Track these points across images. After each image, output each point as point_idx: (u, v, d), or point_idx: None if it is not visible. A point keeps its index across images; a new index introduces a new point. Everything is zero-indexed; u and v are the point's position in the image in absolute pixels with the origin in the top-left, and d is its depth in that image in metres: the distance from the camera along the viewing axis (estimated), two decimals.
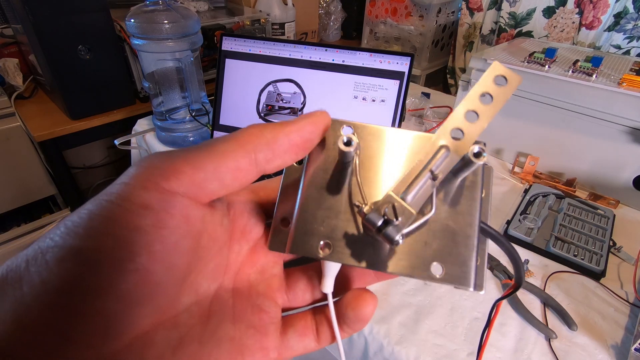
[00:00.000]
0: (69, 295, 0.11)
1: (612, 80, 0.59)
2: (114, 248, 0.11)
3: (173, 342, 0.13)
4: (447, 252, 0.15)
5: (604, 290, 0.48)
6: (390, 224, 0.14)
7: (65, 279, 0.11)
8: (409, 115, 0.86)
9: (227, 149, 0.14)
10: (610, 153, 0.61)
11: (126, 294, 0.12)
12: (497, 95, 0.15)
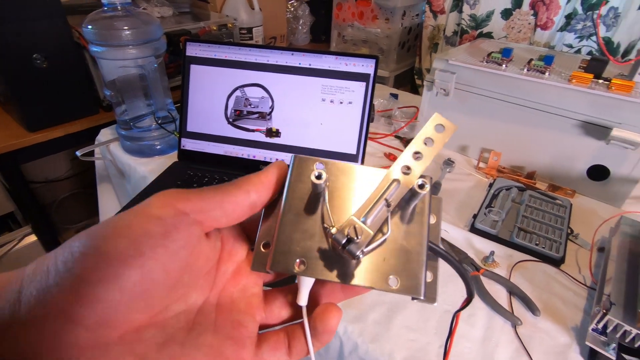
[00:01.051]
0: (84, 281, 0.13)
1: (563, 77, 0.63)
2: (126, 247, 0.14)
3: (159, 341, 0.15)
4: (402, 267, 0.18)
5: (563, 276, 0.50)
6: (352, 242, 0.17)
7: (85, 268, 0.14)
8: (378, 115, 0.88)
9: (229, 189, 0.17)
10: (565, 146, 0.65)
11: (128, 287, 0.14)
12: (437, 139, 0.19)
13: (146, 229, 0.15)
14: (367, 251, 0.18)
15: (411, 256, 0.18)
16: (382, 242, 0.18)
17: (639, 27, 1.05)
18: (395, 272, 0.18)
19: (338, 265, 0.18)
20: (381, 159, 0.76)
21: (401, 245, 0.18)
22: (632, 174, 0.60)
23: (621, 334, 0.37)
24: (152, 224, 0.15)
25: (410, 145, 0.19)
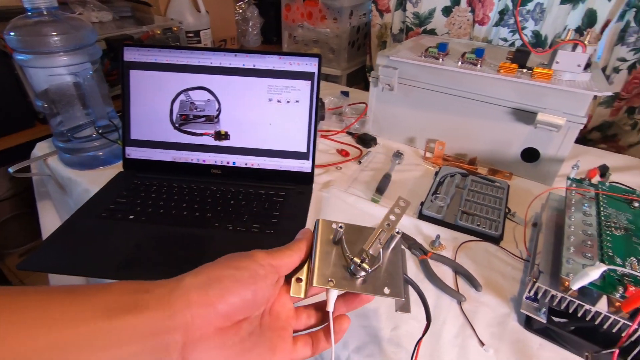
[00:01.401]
0: (219, 290, 0.24)
1: (492, 68, 0.67)
2: (247, 277, 0.26)
3: (247, 332, 0.26)
4: (390, 283, 0.30)
5: (503, 252, 0.54)
6: (364, 262, 0.29)
7: (220, 283, 0.24)
8: (329, 113, 0.89)
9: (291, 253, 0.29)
10: (500, 132, 0.70)
11: (237, 301, 0.25)
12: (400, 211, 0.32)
13: (255, 271, 0.26)
14: (371, 271, 0.29)
15: (394, 276, 0.30)
16: (378, 266, 0.30)
17: (561, 20, 1.15)
18: (386, 285, 0.30)
19: (352, 282, 0.29)
20: (334, 155, 0.78)
21: (387, 268, 0.31)
22: (558, 154, 0.66)
23: (549, 299, 0.40)
24: (259, 269, 0.26)
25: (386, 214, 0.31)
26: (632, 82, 1.14)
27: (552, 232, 0.49)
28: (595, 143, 1.31)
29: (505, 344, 0.42)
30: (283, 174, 0.66)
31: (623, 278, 0.38)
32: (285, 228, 0.56)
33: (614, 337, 0.37)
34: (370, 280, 0.30)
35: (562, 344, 0.42)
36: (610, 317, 0.37)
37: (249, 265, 0.26)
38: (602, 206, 0.49)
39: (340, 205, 0.63)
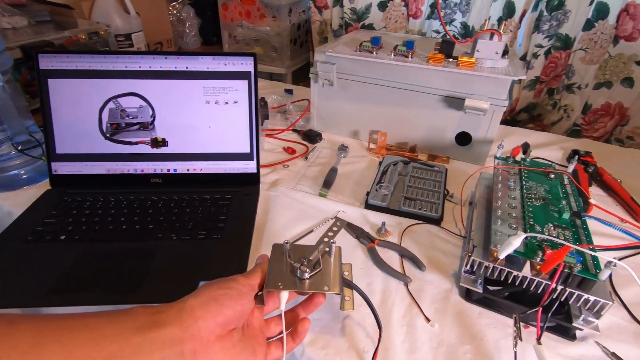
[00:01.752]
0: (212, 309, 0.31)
1: (422, 59, 0.71)
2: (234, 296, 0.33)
3: (236, 339, 0.32)
4: (329, 281, 0.37)
5: (444, 232, 0.57)
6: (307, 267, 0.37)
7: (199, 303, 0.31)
8: (274, 112, 0.89)
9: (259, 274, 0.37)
10: (435, 119, 0.74)
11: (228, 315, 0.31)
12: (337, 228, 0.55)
13: (240, 290, 0.33)
14: (312, 274, 0.37)
15: (333, 277, 0.38)
16: (318, 270, 0.38)
17: (485, 12, 1.24)
18: (326, 284, 0.37)
19: (298, 284, 0.37)
20: (280, 154, 0.78)
21: (327, 272, 0.38)
22: (487, 135, 0.71)
23: (483, 270, 0.44)
24: (242, 288, 0.34)
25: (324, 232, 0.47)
26: (549, 66, 1.26)
27: (484, 208, 0.53)
28: (524, 124, 1.43)
29: (449, 317, 0.44)
30: (228, 176, 0.65)
31: (542, 243, 0.42)
32: (233, 232, 0.55)
33: (540, 297, 0.41)
34: (314, 282, 0.37)
35: (498, 310, 0.45)
36: (534, 280, 0.41)
37: (235, 286, 0.33)
38: (524, 180, 0.53)
39: (288, 203, 0.63)
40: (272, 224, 0.58)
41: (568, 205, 0.48)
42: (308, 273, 0.37)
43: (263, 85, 1.10)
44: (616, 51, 1.19)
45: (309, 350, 0.41)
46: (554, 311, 0.42)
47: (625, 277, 0.50)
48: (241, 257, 0.51)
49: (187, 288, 0.44)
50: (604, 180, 0.70)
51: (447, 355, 0.40)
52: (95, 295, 0.44)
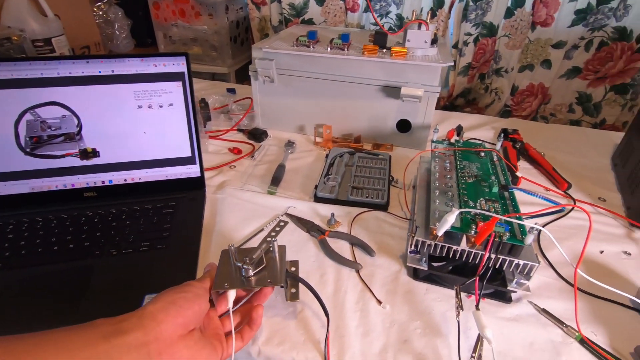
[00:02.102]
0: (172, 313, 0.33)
1: (358, 51, 0.72)
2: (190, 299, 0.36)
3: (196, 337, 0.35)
4: (272, 276, 0.41)
5: (391, 216, 0.60)
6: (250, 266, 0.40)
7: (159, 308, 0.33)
8: (216, 113, 0.87)
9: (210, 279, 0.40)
10: (376, 108, 0.76)
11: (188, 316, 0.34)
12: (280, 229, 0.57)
13: (196, 292, 0.36)
14: (256, 272, 0.41)
15: (277, 272, 0.41)
16: (262, 267, 0.41)
17: (417, 3, 1.29)
18: (269, 278, 0.40)
19: (244, 282, 0.40)
20: (226, 155, 0.76)
21: (271, 268, 0.42)
22: (425, 121, 0.74)
23: (427, 248, 0.46)
24: (198, 290, 0.36)
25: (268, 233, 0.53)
26: (479, 53, 1.35)
27: (424, 190, 0.56)
28: (462, 108, 1.52)
29: (399, 297, 0.46)
30: (170, 183, 0.62)
31: (475, 217, 0.45)
32: (180, 240, 0.53)
33: (477, 268, 0.44)
34: (259, 278, 0.40)
35: (443, 284, 0.48)
36: (471, 252, 0.44)
37: (191, 289, 0.36)
38: (458, 160, 0.57)
39: (237, 204, 0.61)
40: (221, 227, 0.57)
41: (497, 180, 0.52)
42: (252, 271, 0.40)
43: (204, 86, 1.06)
44: (534, 36, 1.30)
45: (266, 348, 0.41)
46: (491, 278, 0.45)
47: (551, 239, 0.55)
48: (189, 264, 0.49)
49: (131, 304, 0.42)
50: (530, 155, 0.76)
51: (399, 333, 0.42)
52: (24, 328, 0.40)
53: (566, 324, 0.43)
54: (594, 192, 0.67)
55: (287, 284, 0.44)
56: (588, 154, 0.80)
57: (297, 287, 0.44)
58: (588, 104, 1.38)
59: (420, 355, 0.40)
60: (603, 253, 0.54)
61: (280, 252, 0.43)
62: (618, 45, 1.25)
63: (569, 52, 1.30)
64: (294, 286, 0.44)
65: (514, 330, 0.43)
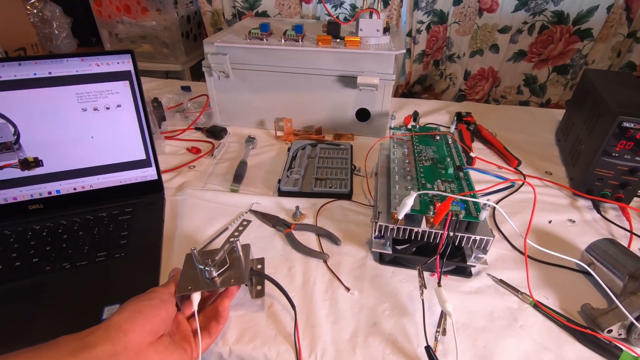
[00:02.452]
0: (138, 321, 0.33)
1: (312, 42, 0.72)
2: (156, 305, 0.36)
3: (166, 343, 0.35)
4: (236, 275, 0.40)
5: (355, 205, 0.60)
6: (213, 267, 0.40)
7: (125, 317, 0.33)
8: (171, 112, 0.83)
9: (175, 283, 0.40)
10: (335, 99, 0.76)
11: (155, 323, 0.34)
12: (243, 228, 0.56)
13: (162, 298, 0.36)
14: (220, 272, 0.40)
15: (241, 271, 0.41)
16: (226, 268, 0.41)
17: None
18: (232, 278, 0.40)
19: (210, 283, 0.39)
20: (184, 155, 0.73)
21: (235, 267, 0.41)
22: (383, 109, 0.76)
23: (390, 232, 0.47)
24: (163, 296, 0.36)
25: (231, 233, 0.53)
26: (431, 40, 1.39)
27: (385, 177, 0.57)
28: (419, 95, 1.56)
29: (367, 282, 0.47)
30: (125, 188, 0.59)
31: (433, 198, 0.46)
32: (139, 246, 0.51)
33: (438, 247, 0.45)
34: (223, 279, 0.40)
35: (408, 265, 0.50)
36: (431, 232, 0.45)
37: (157, 296, 0.36)
38: (415, 145, 0.59)
39: (198, 205, 0.60)
40: (184, 230, 0.55)
41: (452, 161, 0.54)
42: (215, 272, 0.40)
43: (156, 85, 1.02)
44: (482, 22, 1.35)
45: (237, 347, 0.40)
46: (451, 255, 0.47)
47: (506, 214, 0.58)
48: (151, 271, 0.48)
49: (89, 319, 0.40)
50: (483, 135, 0.80)
51: (368, 317, 0.43)
52: None
53: (521, 291, 0.45)
54: (542, 167, 0.72)
55: (252, 282, 0.44)
56: (535, 132, 0.85)
57: (262, 284, 0.44)
58: (534, 85, 1.47)
59: (389, 336, 0.41)
60: (551, 223, 0.58)
61: (244, 251, 0.43)
62: (557, 28, 1.33)
63: (514, 37, 1.37)
64: (260, 283, 0.44)
65: (475, 302, 0.45)
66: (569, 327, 0.41)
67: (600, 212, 0.59)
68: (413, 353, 0.39)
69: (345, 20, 0.74)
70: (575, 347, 0.40)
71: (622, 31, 1.31)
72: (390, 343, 0.40)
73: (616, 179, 0.59)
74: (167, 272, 0.47)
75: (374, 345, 0.40)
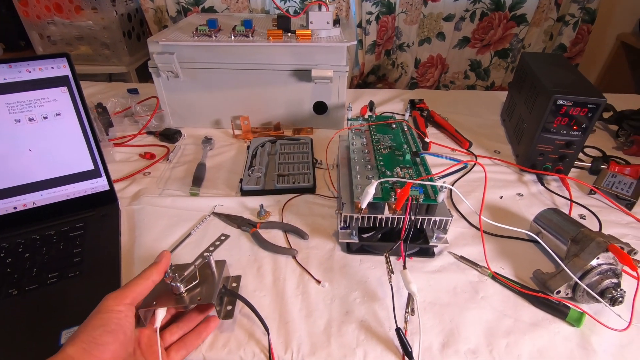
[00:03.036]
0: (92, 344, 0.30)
1: (263, 36, 0.71)
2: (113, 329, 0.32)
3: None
4: (204, 293, 0.38)
5: (319, 198, 0.61)
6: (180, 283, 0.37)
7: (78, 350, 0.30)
8: (118, 117, 0.78)
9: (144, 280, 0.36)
10: (291, 94, 0.76)
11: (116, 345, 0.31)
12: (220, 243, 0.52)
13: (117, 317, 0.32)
14: (188, 288, 0.38)
15: (210, 288, 0.39)
16: (195, 284, 0.39)
17: None
18: (200, 295, 0.38)
19: (177, 300, 0.37)
20: (138, 162, 0.70)
21: (205, 284, 0.39)
22: (339, 101, 0.76)
23: (355, 222, 0.48)
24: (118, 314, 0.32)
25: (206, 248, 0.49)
26: (381, 30, 1.41)
27: (346, 168, 0.58)
28: (374, 85, 1.59)
29: (336, 273, 0.48)
30: (74, 202, 0.55)
31: (393, 185, 0.48)
32: (95, 262, 0.48)
33: (401, 231, 0.47)
34: (191, 296, 0.38)
35: (375, 252, 0.51)
36: (394, 218, 0.47)
37: (110, 316, 0.32)
38: (373, 134, 0.60)
39: (157, 212, 0.57)
40: (143, 240, 0.52)
41: (409, 148, 0.56)
42: (184, 287, 0.38)
43: (100, 89, 0.95)
44: (427, 11, 1.40)
45: (210, 354, 0.39)
46: (414, 238, 0.49)
47: (462, 194, 0.61)
48: (111, 287, 0.45)
49: (46, 346, 0.38)
50: (436, 121, 0.83)
51: (340, 306, 0.44)
52: None
53: (480, 265, 0.48)
54: (490, 146, 0.76)
55: (223, 301, 0.42)
56: (482, 114, 0.90)
57: (234, 303, 0.42)
58: (479, 69, 1.55)
59: (362, 322, 0.42)
60: (502, 198, 0.62)
61: (218, 268, 0.41)
62: (496, 15, 1.41)
63: (458, 24, 1.43)
64: (231, 303, 0.42)
65: (439, 280, 0.47)
66: (523, 293, 0.45)
67: (544, 185, 0.65)
68: (386, 335, 0.41)
69: (295, 13, 0.74)
70: (530, 310, 0.43)
71: (552, 16, 1.41)
72: (363, 329, 0.41)
73: (555, 152, 0.64)
74: None
75: (347, 333, 0.41)
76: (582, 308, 0.42)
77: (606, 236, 0.44)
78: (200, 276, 0.39)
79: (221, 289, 0.40)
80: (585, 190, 0.64)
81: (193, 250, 0.51)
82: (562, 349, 0.40)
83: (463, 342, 0.40)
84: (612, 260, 0.42)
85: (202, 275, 0.40)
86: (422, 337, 0.40)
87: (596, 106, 0.58)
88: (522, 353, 0.39)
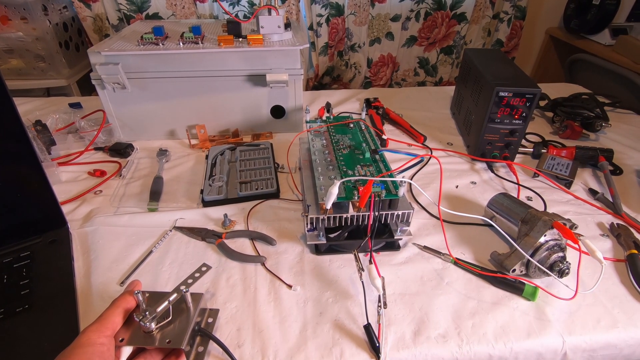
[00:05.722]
0: None
1: (213, 43, 0.69)
2: None
3: None
4: (175, 334, 0.35)
5: (284, 202, 0.61)
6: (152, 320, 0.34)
7: None
8: (61, 135, 0.73)
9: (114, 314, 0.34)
10: (246, 99, 0.75)
11: None
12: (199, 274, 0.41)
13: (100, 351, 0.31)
14: (160, 326, 0.35)
15: (182, 328, 0.35)
16: (167, 321, 0.35)
17: None
18: (170, 337, 0.34)
19: (147, 338, 0.34)
20: (87, 180, 0.65)
21: (179, 322, 0.36)
22: (296, 104, 0.77)
23: (321, 223, 0.48)
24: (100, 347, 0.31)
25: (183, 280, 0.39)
26: (332, 32, 1.44)
27: (309, 170, 0.58)
28: (329, 86, 1.61)
29: (307, 276, 0.48)
30: (16, 229, 0.51)
31: (356, 184, 0.49)
32: (46, 293, 0.44)
33: (367, 228, 0.48)
34: (161, 334, 0.35)
35: (343, 251, 0.52)
36: (359, 216, 0.48)
37: (94, 349, 0.31)
38: (332, 135, 0.61)
39: (113, 232, 0.54)
40: (100, 264, 0.49)
41: (368, 146, 0.58)
42: (155, 325, 0.34)
43: (37, 105, 0.88)
44: (375, 12, 1.45)
45: None
46: (380, 233, 0.50)
47: (421, 186, 0.64)
48: (67, 319, 0.42)
49: None
50: (391, 118, 0.86)
51: (314, 307, 0.44)
52: None
53: (442, 252, 0.51)
54: (443, 139, 0.80)
55: (195, 341, 0.39)
56: (433, 108, 0.94)
57: (206, 344, 0.39)
58: (427, 66, 1.63)
59: (336, 321, 0.42)
60: (458, 187, 0.65)
61: (194, 303, 0.37)
62: (438, 14, 1.48)
63: (405, 24, 1.49)
64: (204, 343, 0.39)
65: (406, 272, 0.49)
66: (483, 275, 0.48)
67: (493, 171, 0.69)
68: (360, 331, 0.41)
69: (245, 18, 0.73)
70: (491, 290, 0.46)
71: (488, 13, 1.51)
72: (338, 328, 0.42)
73: (501, 141, 0.68)
74: (88, 317, 0.42)
75: (323, 333, 0.41)
76: (536, 283, 0.46)
77: (551, 214, 0.48)
78: (173, 312, 0.36)
79: (194, 328, 0.37)
80: (529, 173, 0.69)
81: (156, 267, 0.49)
82: (521, 322, 0.43)
83: (433, 327, 0.42)
84: (557, 236, 0.46)
85: (177, 311, 0.36)
86: (394, 327, 0.41)
87: (533, 96, 0.63)
88: (487, 331, 0.42)
